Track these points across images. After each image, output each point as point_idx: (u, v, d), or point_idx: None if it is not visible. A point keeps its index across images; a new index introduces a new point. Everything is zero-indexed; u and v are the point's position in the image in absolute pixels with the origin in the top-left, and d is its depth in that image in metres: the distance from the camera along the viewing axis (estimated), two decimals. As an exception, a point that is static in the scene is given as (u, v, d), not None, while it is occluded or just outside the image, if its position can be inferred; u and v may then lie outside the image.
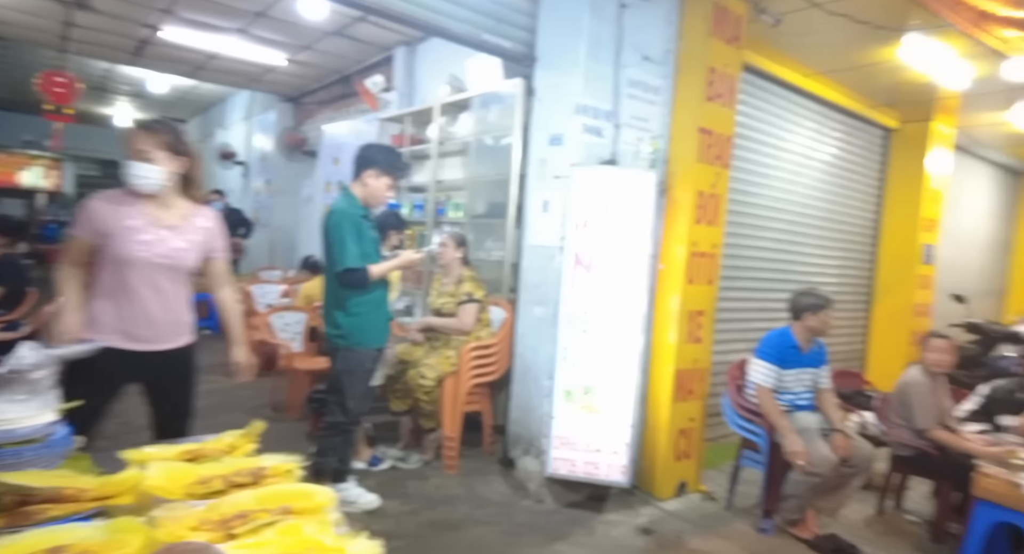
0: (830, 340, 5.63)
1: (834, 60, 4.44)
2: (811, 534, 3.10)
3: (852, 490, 3.20)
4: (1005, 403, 3.41)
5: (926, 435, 3.27)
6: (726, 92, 3.53)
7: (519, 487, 3.42)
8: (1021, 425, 3.28)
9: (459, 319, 3.60)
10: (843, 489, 3.16)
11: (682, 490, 3.58)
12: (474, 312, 3.60)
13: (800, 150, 5.12)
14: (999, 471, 2.73)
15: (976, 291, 7.11)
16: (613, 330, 3.24)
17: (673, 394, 3.49)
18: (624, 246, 3.24)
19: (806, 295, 3.24)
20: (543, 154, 3.44)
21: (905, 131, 5.79)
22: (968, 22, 3.51)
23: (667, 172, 3.55)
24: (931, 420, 3.26)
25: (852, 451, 3.07)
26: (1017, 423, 3.29)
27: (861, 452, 3.12)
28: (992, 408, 3.45)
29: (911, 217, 5.74)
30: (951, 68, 4.00)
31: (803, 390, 3.26)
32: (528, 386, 3.51)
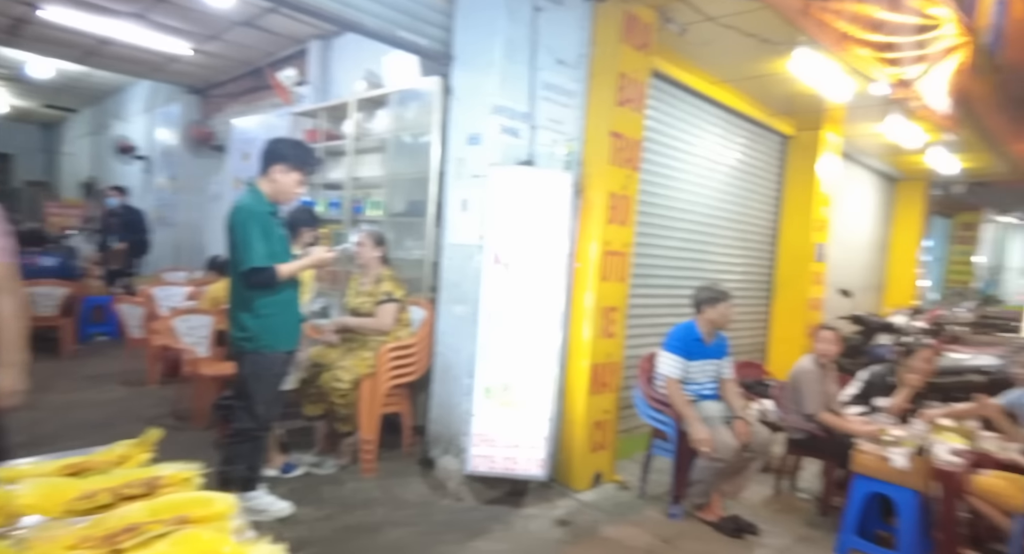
0: (735, 333, 6.02)
1: (735, 70, 4.73)
2: (716, 516, 3.29)
3: (752, 473, 3.43)
4: (880, 387, 3.77)
5: (814, 419, 3.56)
6: (636, 97, 3.69)
7: (439, 487, 3.42)
8: (893, 406, 3.64)
9: (378, 319, 3.55)
10: (744, 472, 3.38)
11: (598, 481, 3.70)
12: (393, 312, 3.56)
13: (706, 154, 5.42)
14: (872, 448, 3.03)
15: (859, 286, 7.80)
16: (532, 327, 3.31)
17: (589, 388, 3.60)
18: (542, 245, 3.31)
19: (706, 289, 3.44)
20: (462, 153, 3.46)
21: (800, 138, 6.26)
22: (832, 42, 3.84)
23: (581, 174, 3.66)
24: (818, 405, 3.56)
25: (752, 437, 3.29)
26: (890, 404, 3.64)
27: (760, 437, 3.35)
28: (870, 392, 3.80)
29: (805, 218, 6.21)
30: (834, 82, 4.37)
31: (707, 380, 3.46)
32: (448, 385, 3.52)
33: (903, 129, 5.86)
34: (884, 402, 3.66)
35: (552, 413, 3.38)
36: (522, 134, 3.44)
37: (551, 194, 3.31)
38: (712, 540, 3.15)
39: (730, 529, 3.22)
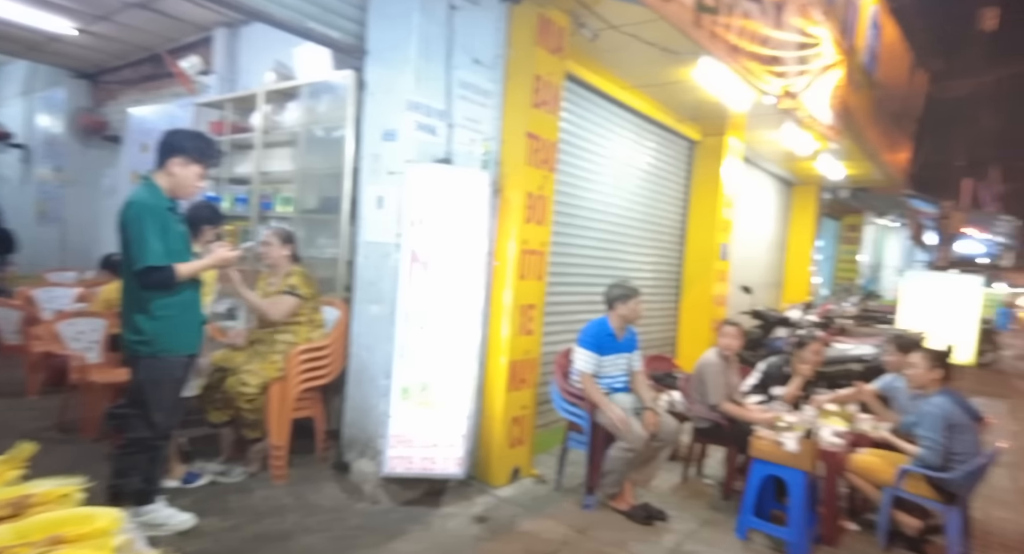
0: (646, 328, 6.29)
1: (644, 76, 4.94)
2: (627, 505, 3.43)
3: (661, 462, 3.59)
4: (777, 377, 4.07)
5: (717, 409, 3.78)
6: (551, 99, 3.76)
7: (354, 490, 3.34)
8: (787, 394, 3.93)
9: (271, 304, 3.37)
10: (653, 461, 3.55)
11: (516, 476, 3.75)
12: (289, 306, 3.38)
13: (619, 157, 5.62)
14: (768, 434, 3.26)
15: (760, 283, 8.37)
16: (451, 326, 3.30)
17: (507, 384, 3.64)
18: (460, 243, 3.31)
19: (617, 287, 3.58)
20: (377, 149, 3.40)
21: (705, 143, 6.62)
22: (724, 53, 4.10)
23: (499, 173, 3.69)
24: (721, 396, 3.79)
25: (660, 427, 3.45)
26: (784, 393, 3.93)
27: (668, 427, 3.52)
28: (768, 382, 4.09)
29: (710, 219, 6.58)
30: (733, 91, 4.67)
31: (619, 373, 3.59)
32: (364, 387, 3.44)
33: (796, 137, 6.35)
34: (780, 391, 3.95)
35: (471, 411, 3.39)
36: (439, 132, 3.43)
37: (469, 193, 3.32)
38: (624, 528, 3.27)
39: (641, 516, 3.36)
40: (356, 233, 3.58)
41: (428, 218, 3.24)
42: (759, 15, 4.56)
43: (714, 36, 3.97)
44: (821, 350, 4.05)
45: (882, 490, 3.31)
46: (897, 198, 12.47)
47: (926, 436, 3.20)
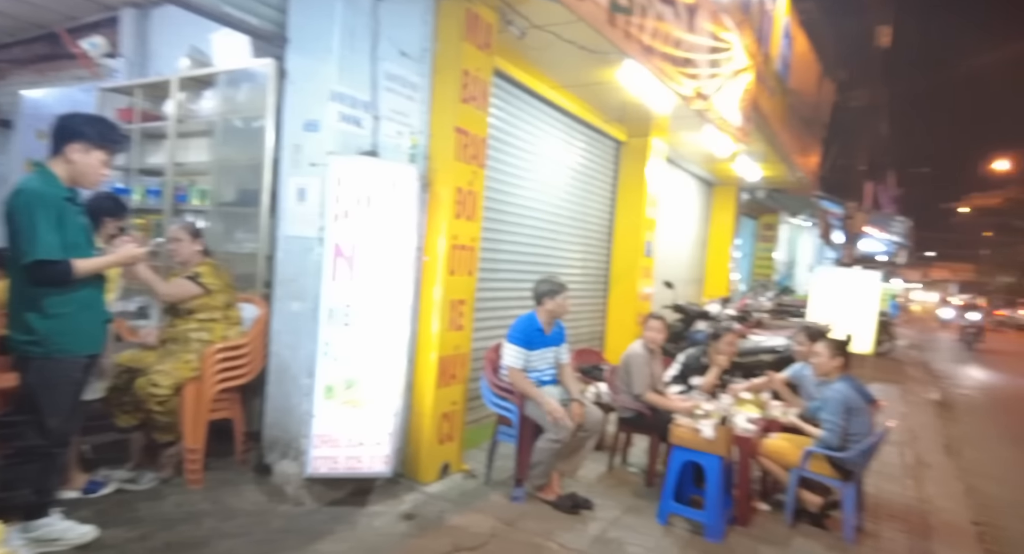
0: (576, 323, 6.42)
1: (571, 76, 5.03)
2: (555, 495, 3.49)
3: (587, 452, 3.69)
4: (695, 367, 4.26)
5: (641, 398, 3.92)
6: (480, 95, 3.77)
7: (276, 493, 3.23)
8: (706, 384, 4.13)
9: (167, 283, 3.21)
10: (580, 452, 3.63)
11: (445, 472, 3.75)
12: (184, 289, 3.21)
13: (549, 156, 5.70)
14: (687, 421, 3.42)
15: (682, 279, 8.72)
16: (378, 322, 3.24)
17: (437, 380, 3.62)
18: (388, 238, 3.25)
19: (545, 282, 3.64)
20: (298, 140, 3.28)
21: (631, 144, 6.82)
22: (638, 53, 4.26)
23: (428, 168, 3.66)
24: (645, 386, 3.93)
25: (587, 417, 3.54)
26: (703, 382, 4.13)
27: (594, 417, 3.61)
28: (687, 372, 4.28)
29: (636, 217, 6.79)
30: (655, 93, 4.84)
31: (547, 367, 3.65)
32: (286, 386, 3.33)
33: (715, 139, 6.65)
34: (698, 381, 4.14)
35: (399, 408, 3.36)
36: (364, 124, 3.36)
37: (397, 186, 3.27)
38: (551, 518, 3.34)
39: (567, 506, 3.43)
40: (276, 227, 3.45)
41: (353, 212, 3.17)
42: (672, 18, 4.74)
43: (628, 36, 4.09)
44: (735, 341, 4.28)
45: (789, 471, 3.54)
46: (808, 199, 13.31)
47: (828, 419, 3.45)
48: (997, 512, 4.28)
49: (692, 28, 5.11)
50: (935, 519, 3.91)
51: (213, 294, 3.27)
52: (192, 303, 3.26)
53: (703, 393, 4.10)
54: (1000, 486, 4.84)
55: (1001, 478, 5.06)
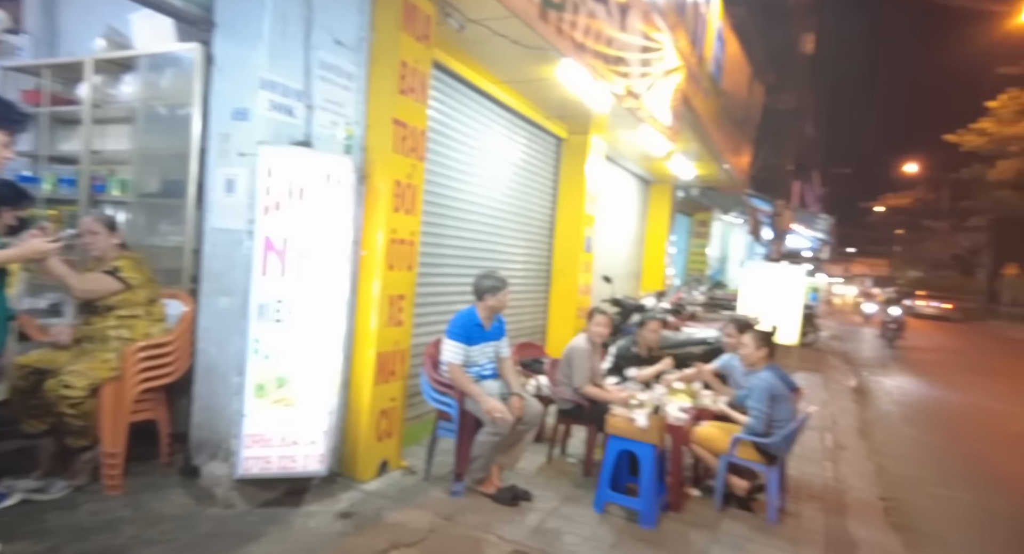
0: (518, 317, 6.47)
1: (511, 71, 5.04)
2: (494, 488, 3.52)
3: (527, 444, 3.73)
4: (627, 358, 4.39)
5: (580, 391, 3.99)
6: (418, 87, 3.73)
7: (205, 496, 3.10)
8: (643, 375, 4.26)
9: (81, 277, 3.02)
10: (519, 444, 3.67)
11: (384, 469, 3.70)
12: (102, 284, 3.04)
13: (491, 151, 5.71)
14: (622, 411, 3.51)
15: (620, 274, 8.94)
16: (312, 318, 3.16)
17: (375, 377, 3.57)
18: (322, 231, 3.17)
19: (487, 278, 3.64)
20: (226, 129, 3.14)
21: (571, 141, 6.92)
22: (570, 50, 4.34)
23: (365, 160, 3.59)
24: (585, 379, 4.00)
25: (526, 410, 3.58)
26: (639, 374, 4.26)
27: (533, 410, 3.66)
28: (620, 363, 4.40)
29: (577, 214, 6.90)
30: (592, 91, 4.92)
31: (487, 361, 3.66)
32: (214, 385, 3.20)
33: (651, 138, 6.84)
34: (634, 372, 4.26)
35: (334, 406, 3.29)
36: (297, 113, 3.26)
37: (332, 178, 3.19)
38: (491, 511, 3.36)
39: (507, 498, 3.46)
40: (203, 220, 3.29)
41: (285, 204, 3.07)
42: (604, 16, 4.84)
43: (560, 32, 4.15)
44: (658, 328, 4.45)
45: (719, 458, 3.70)
46: (740, 197, 13.90)
47: (754, 407, 3.63)
48: (900, 488, 4.63)
49: (624, 27, 5.23)
50: (849, 497, 4.18)
51: (134, 289, 3.10)
52: (112, 299, 3.07)
53: (638, 384, 4.23)
54: (903, 464, 5.24)
55: (904, 457, 5.47)
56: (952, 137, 25.36)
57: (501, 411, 3.33)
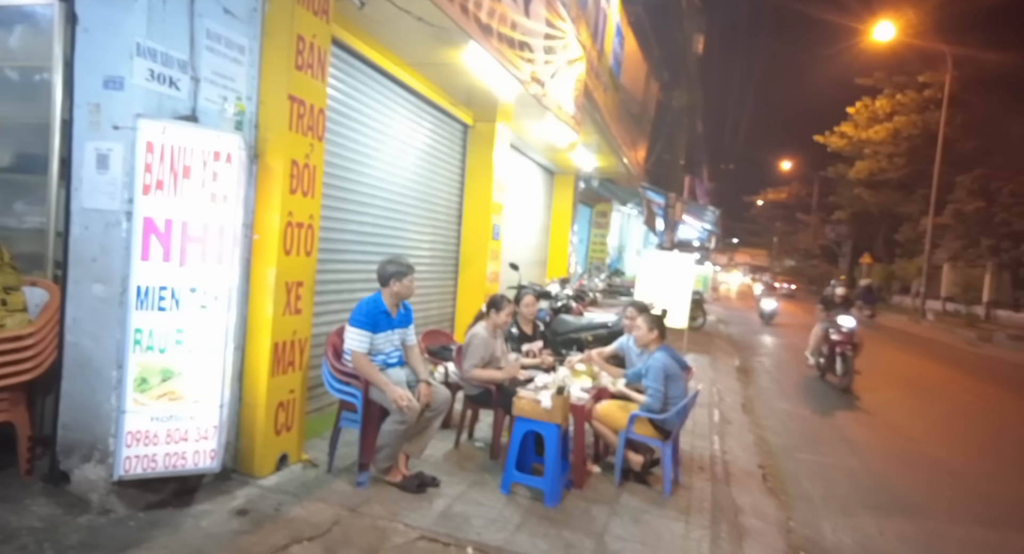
0: (426, 305, 6.41)
1: (416, 54, 4.95)
2: (401, 476, 3.48)
3: (434, 431, 3.71)
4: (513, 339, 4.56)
5: (466, 375, 4.02)
6: (316, 64, 3.55)
7: (76, 503, 2.81)
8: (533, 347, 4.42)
9: None
10: (427, 431, 3.64)
11: (283, 463, 3.55)
12: None
13: (397, 136, 5.58)
14: (527, 394, 3.58)
15: (527, 262, 9.10)
16: (200, 306, 2.94)
17: (271, 368, 3.40)
18: (211, 214, 2.95)
19: (391, 264, 3.56)
20: (97, 98, 2.83)
21: (478, 128, 6.91)
22: (476, 32, 4.35)
23: (258, 137, 3.38)
24: (472, 365, 4.00)
25: (434, 397, 3.56)
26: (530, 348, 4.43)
27: (441, 396, 3.64)
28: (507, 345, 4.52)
29: (484, 202, 6.92)
30: (499, 78, 4.94)
31: (393, 349, 3.59)
32: (87, 381, 2.89)
33: (555, 128, 6.99)
34: (527, 347, 4.43)
35: (227, 399, 3.09)
36: (181, 85, 3.00)
37: (221, 156, 2.96)
38: (397, 500, 3.32)
39: (413, 486, 3.43)
40: (71, 199, 2.95)
41: (168, 183, 2.82)
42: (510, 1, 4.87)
43: (465, 11, 4.13)
44: (533, 302, 4.65)
45: (618, 434, 3.88)
46: (636, 189, 14.56)
47: (650, 386, 3.83)
48: (775, 456, 5.11)
49: (528, 13, 5.28)
50: (733, 467, 4.55)
51: None
52: None
53: (533, 356, 4.41)
54: (777, 435, 5.78)
55: (777, 428, 6.03)
56: (820, 138, 28.01)
57: (407, 399, 3.29)
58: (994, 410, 8.15)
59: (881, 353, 12.44)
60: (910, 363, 8.07)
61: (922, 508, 4.29)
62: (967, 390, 9.35)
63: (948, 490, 4.73)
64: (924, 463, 5.37)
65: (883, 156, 24.27)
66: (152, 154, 2.78)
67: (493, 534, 3.04)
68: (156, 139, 2.79)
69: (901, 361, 11.65)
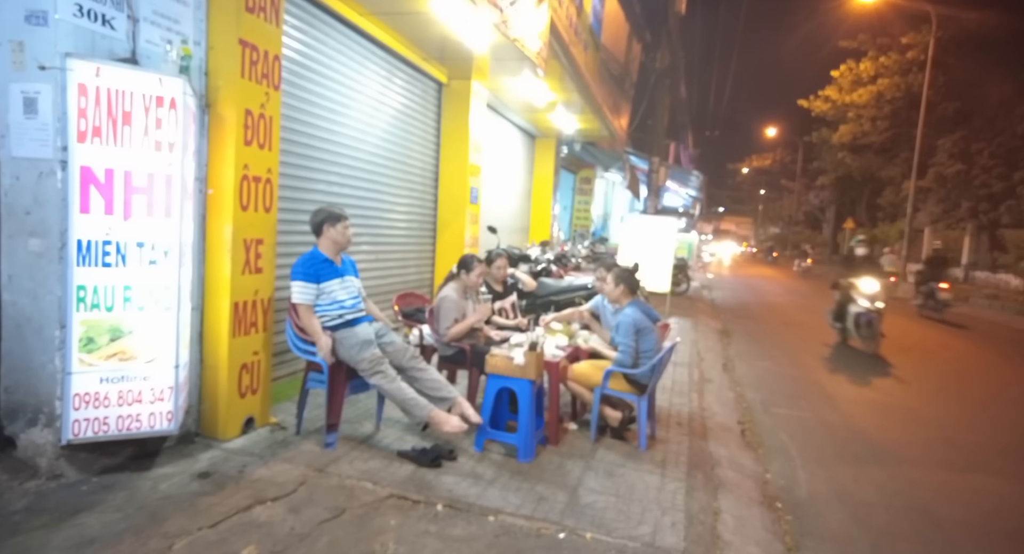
0: (404, 269, 6.27)
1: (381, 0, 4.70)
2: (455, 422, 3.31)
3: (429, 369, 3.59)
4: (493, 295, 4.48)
5: (445, 338, 3.92)
6: (269, 7, 3.34)
7: (23, 468, 2.69)
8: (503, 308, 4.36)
9: None
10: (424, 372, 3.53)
11: (250, 426, 3.45)
12: None
13: (370, 93, 5.37)
14: (501, 351, 3.49)
15: (509, 227, 8.95)
16: (148, 261, 2.78)
17: (232, 328, 3.27)
18: (156, 163, 2.76)
19: (320, 212, 3.43)
20: (19, 35, 2.60)
21: (453, 87, 6.68)
22: None
23: (208, 85, 3.18)
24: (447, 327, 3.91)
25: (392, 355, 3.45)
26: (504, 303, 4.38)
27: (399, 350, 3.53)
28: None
29: (461, 164, 6.73)
30: (472, 29, 4.71)
31: (350, 299, 3.44)
32: (28, 342, 2.74)
33: (532, 85, 6.77)
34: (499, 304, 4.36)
35: (184, 360, 2.97)
36: (117, 25, 2.78)
37: (163, 102, 2.77)
38: (367, 460, 3.24)
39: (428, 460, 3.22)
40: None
41: (107, 130, 2.63)
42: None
43: None
44: (505, 264, 4.57)
45: (593, 391, 3.82)
46: (620, 154, 14.37)
47: (621, 342, 3.75)
48: (753, 412, 5.10)
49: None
50: (712, 422, 4.53)
51: None
52: None
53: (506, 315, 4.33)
54: (756, 391, 5.78)
55: (757, 385, 6.04)
56: (804, 102, 27.81)
57: (325, 344, 3.24)
58: (966, 363, 8.27)
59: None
60: (888, 322, 8.09)
61: (896, 457, 4.32)
62: (941, 346, 9.47)
63: (921, 439, 4.77)
64: (899, 415, 5.41)
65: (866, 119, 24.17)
66: (86, 98, 2.59)
67: (465, 490, 2.98)
68: (89, 81, 2.59)
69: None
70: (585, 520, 2.76)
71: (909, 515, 3.44)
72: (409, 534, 2.55)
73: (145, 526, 2.43)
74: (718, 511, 3.04)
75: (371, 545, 2.44)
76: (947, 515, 3.48)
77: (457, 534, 2.58)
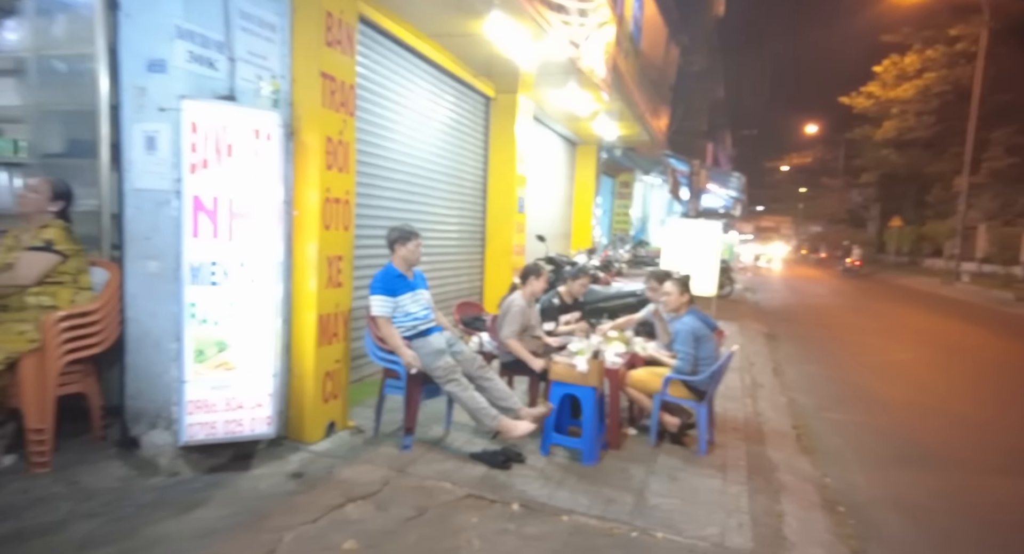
0: (456, 278, 6.51)
1: (437, 24, 4.96)
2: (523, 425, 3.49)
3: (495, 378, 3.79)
4: (550, 311, 4.59)
5: (503, 343, 4.10)
6: (345, 39, 3.60)
7: (147, 465, 3.00)
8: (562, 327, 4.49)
9: (14, 269, 2.89)
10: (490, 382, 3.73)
11: (331, 430, 3.71)
12: (43, 263, 2.91)
13: (421, 109, 5.62)
14: (563, 358, 3.68)
15: (552, 234, 9.12)
16: (248, 280, 3.07)
17: (317, 339, 3.53)
18: (254, 190, 3.05)
19: (395, 230, 3.71)
20: (141, 82, 2.92)
21: (500, 100, 6.90)
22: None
23: (292, 115, 3.46)
24: (510, 333, 4.08)
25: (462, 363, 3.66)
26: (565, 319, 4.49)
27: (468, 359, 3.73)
28: (546, 316, 4.57)
29: (508, 174, 6.95)
30: (522, 45, 4.92)
31: (422, 310, 3.69)
32: (148, 353, 3.05)
33: (577, 96, 6.94)
34: (550, 326, 4.50)
35: (278, 369, 3.24)
36: (219, 66, 3.08)
37: (260, 134, 3.05)
38: (442, 461, 3.45)
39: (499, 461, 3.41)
40: (122, 180, 3.08)
41: (213, 161, 2.92)
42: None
43: None
44: (587, 283, 4.71)
45: (652, 397, 3.96)
46: (659, 157, 14.38)
47: (681, 349, 3.89)
48: (806, 417, 5.15)
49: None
50: (766, 427, 4.61)
51: (67, 260, 2.92)
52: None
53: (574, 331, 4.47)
54: (807, 396, 5.80)
55: (808, 390, 6.06)
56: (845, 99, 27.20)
57: (411, 358, 3.48)
58: (1021, 366, 8.07)
59: (911, 316, 12.28)
60: (939, 324, 7.95)
61: (950, 461, 4.33)
62: (995, 348, 9.23)
63: (973, 443, 4.76)
64: (949, 419, 5.37)
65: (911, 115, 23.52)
66: (196, 134, 2.88)
67: (536, 491, 3.16)
68: (199, 119, 2.88)
69: (930, 323, 11.50)
70: (654, 521, 2.91)
71: (967, 520, 3.47)
72: (489, 531, 2.74)
73: (254, 521, 2.68)
74: (781, 514, 3.15)
75: (455, 541, 2.64)
76: (1003, 520, 3.50)
77: (533, 532, 2.76)
